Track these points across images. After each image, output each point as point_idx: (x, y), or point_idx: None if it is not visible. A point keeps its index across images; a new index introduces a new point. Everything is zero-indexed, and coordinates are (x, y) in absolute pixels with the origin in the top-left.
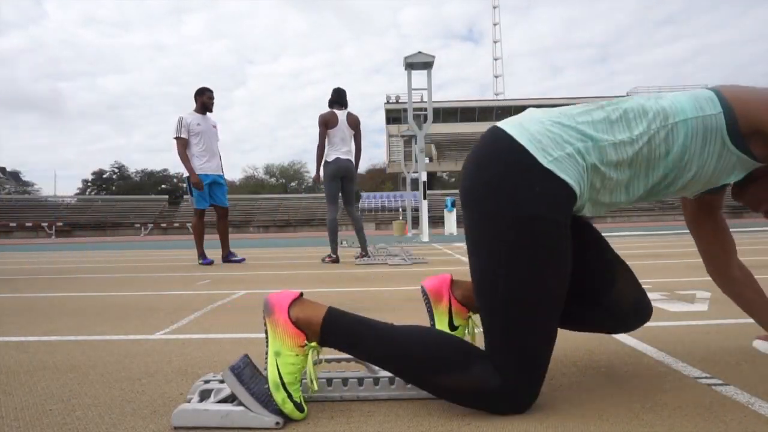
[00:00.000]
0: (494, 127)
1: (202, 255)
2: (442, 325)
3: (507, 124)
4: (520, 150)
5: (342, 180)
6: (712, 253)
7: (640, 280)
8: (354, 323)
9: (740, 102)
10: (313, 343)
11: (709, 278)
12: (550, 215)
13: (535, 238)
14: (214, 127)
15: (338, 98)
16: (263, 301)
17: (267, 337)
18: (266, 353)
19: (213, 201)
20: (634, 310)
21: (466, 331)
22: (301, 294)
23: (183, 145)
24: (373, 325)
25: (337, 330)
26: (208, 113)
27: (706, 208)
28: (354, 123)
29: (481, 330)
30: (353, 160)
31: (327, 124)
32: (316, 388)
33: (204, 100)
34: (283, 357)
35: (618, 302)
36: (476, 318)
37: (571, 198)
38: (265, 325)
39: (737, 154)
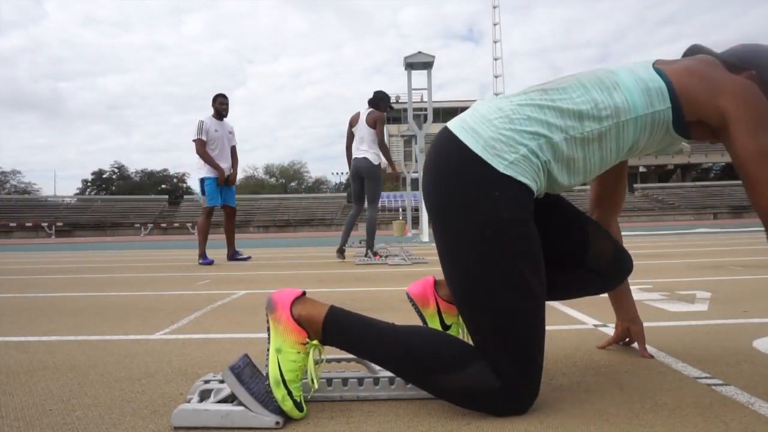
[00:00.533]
0: (448, 133)
1: (203, 255)
2: (434, 326)
3: (459, 129)
4: (475, 160)
5: (361, 179)
6: (604, 195)
7: (641, 280)
8: (356, 322)
9: (687, 96)
10: (315, 342)
11: (709, 278)
12: (513, 215)
13: (503, 240)
14: (231, 132)
15: (372, 98)
16: (266, 298)
17: (269, 334)
18: (267, 350)
19: (222, 201)
20: (615, 262)
21: (460, 329)
22: (304, 293)
23: (202, 145)
24: (374, 324)
25: (339, 328)
26: (224, 119)
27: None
28: (371, 121)
29: None
30: (369, 157)
31: (350, 123)
32: (317, 386)
33: (216, 106)
34: (284, 354)
35: (598, 258)
36: None
37: (529, 195)
38: (267, 322)
39: (678, 138)
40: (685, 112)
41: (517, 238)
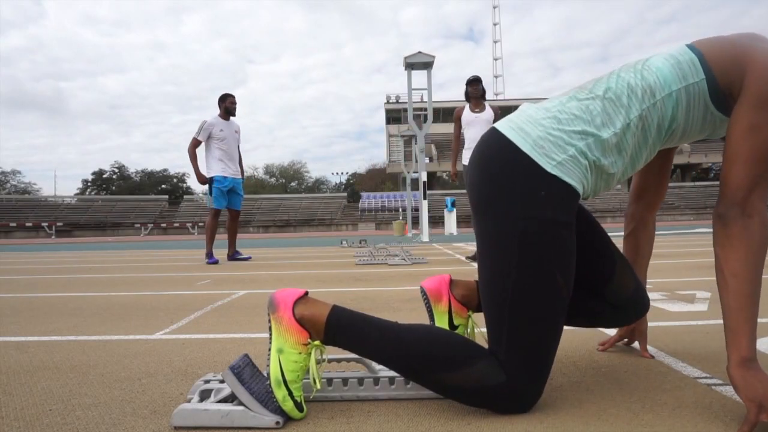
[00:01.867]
0: (496, 133)
1: (209, 254)
2: (442, 324)
3: (508, 129)
4: (523, 158)
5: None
6: (645, 189)
7: None
8: (358, 322)
9: (719, 65)
10: (317, 342)
11: (709, 278)
12: (556, 216)
13: (543, 238)
14: (237, 132)
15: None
16: (268, 298)
17: (270, 334)
18: (269, 350)
19: (228, 204)
20: (634, 299)
21: (467, 330)
22: (307, 293)
23: (194, 145)
24: (377, 323)
25: (342, 328)
26: (231, 118)
27: (665, 151)
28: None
29: (481, 329)
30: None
31: (457, 118)
32: (319, 386)
33: (227, 105)
34: (286, 354)
35: (618, 292)
36: (476, 317)
37: (575, 196)
38: (269, 321)
39: (720, 116)
40: (720, 85)
41: (556, 239)
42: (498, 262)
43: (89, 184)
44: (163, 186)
